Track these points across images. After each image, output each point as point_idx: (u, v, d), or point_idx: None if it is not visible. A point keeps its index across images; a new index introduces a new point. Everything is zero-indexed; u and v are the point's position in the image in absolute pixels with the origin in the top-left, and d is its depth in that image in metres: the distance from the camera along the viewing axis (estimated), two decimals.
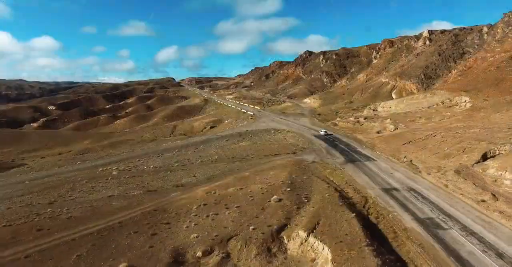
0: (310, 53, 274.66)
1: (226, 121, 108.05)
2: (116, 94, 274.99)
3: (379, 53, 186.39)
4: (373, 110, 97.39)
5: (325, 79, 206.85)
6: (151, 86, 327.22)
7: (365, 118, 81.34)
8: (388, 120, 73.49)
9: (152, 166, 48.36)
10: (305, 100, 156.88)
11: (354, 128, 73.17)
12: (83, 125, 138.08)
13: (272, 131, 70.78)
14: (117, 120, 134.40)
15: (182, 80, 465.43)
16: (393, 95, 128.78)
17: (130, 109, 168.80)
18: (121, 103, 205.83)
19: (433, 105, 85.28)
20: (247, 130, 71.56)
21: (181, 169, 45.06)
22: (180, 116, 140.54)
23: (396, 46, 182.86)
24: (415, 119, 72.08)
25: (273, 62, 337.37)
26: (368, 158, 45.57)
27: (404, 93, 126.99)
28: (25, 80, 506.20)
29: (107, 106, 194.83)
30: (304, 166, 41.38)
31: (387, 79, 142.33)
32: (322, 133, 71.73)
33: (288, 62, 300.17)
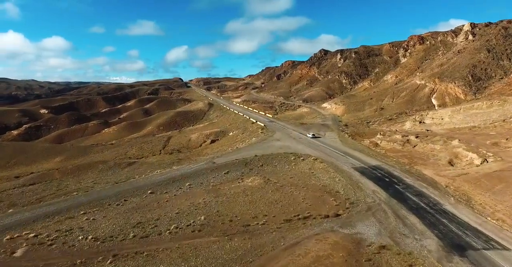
0: (325, 51, 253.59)
1: (231, 133, 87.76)
2: (118, 96, 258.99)
3: (408, 51, 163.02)
4: (420, 122, 75.49)
5: (344, 81, 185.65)
6: (156, 87, 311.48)
7: (416, 137, 59.58)
8: (456, 142, 51.73)
9: (91, 237, 28.14)
10: (325, 105, 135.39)
11: (407, 153, 51.60)
12: (69, 134, 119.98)
13: (292, 157, 49.89)
14: (106, 129, 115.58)
15: (191, 80, 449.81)
16: (434, 101, 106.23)
17: (125, 114, 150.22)
18: (119, 106, 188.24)
19: (510, 117, 62.90)
20: (256, 156, 50.83)
21: (135, 252, 24.70)
22: (179, 124, 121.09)
23: (428, 42, 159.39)
24: (498, 141, 50.06)
25: (285, 61, 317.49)
26: (485, 239, 24.04)
27: (447, 98, 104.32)
28: (36, 81, 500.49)
29: (103, 110, 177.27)
30: (368, 262, 20.49)
31: (422, 81, 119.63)
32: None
33: (302, 62, 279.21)
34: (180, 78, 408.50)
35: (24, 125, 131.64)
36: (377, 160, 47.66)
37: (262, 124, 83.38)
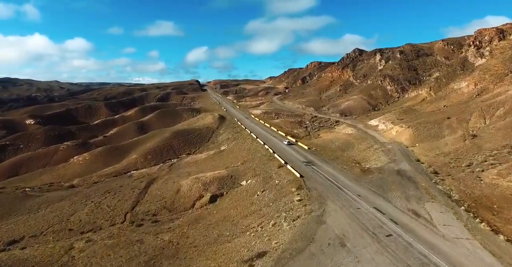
0: (361, 51, 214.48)
1: (244, 183, 53.61)
2: (124, 101, 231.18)
3: (486, 49, 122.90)
4: None
5: (389, 87, 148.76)
6: (168, 92, 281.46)
7: None
8: None
9: None
10: (374, 123, 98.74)
11: None
12: (28, 162, 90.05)
13: None
14: (76, 157, 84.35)
15: (208, 82, 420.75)
16: None
17: (114, 130, 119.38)
18: (116, 116, 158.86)
19: None
20: None
21: None
22: (175, 149, 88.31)
23: None
24: None
25: (311, 63, 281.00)
26: None
27: None
28: (59, 82, 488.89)
29: (96, 122, 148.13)
30: None
31: None
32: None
33: (331, 63, 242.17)
34: (197, 81, 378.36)
35: None
36: None
37: (297, 174, 48.51)
